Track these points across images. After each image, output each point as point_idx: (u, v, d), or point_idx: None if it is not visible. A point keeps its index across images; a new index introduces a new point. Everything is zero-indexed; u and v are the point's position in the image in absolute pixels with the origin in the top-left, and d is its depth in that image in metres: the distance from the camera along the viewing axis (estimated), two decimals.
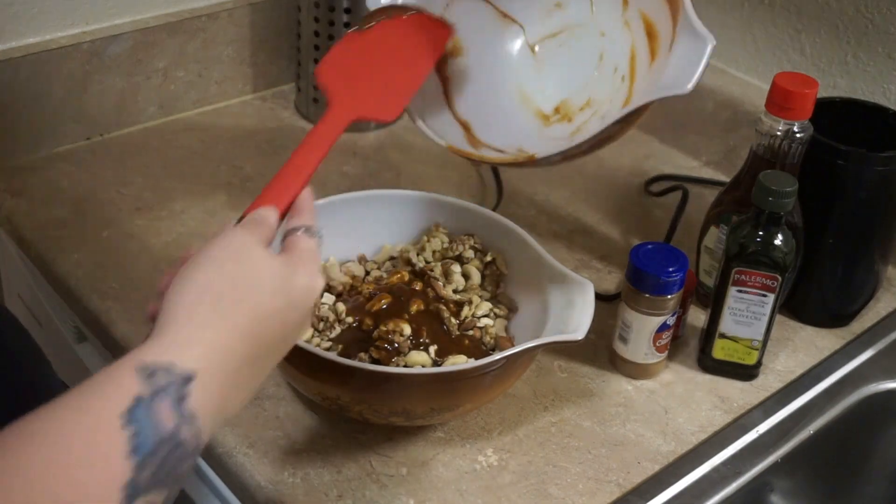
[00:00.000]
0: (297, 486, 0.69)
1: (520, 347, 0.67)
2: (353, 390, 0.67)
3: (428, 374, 0.68)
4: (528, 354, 0.69)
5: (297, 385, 0.72)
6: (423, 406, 0.68)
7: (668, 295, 0.76)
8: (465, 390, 0.68)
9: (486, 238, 0.82)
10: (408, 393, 0.67)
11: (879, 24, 0.94)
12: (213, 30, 1.11)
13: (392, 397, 0.67)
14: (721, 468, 0.74)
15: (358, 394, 0.67)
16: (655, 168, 1.10)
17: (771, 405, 0.80)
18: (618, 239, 0.98)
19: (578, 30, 0.85)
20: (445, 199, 0.83)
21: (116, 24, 1.04)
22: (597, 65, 0.83)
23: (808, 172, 0.79)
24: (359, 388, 0.67)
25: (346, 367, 0.65)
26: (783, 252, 0.75)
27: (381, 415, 0.69)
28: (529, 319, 0.76)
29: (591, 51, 0.83)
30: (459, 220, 0.83)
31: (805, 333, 0.88)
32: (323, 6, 1.07)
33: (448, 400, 0.68)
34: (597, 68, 0.83)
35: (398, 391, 0.67)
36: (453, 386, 0.67)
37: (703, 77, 0.69)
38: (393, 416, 0.69)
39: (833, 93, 0.99)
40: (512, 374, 0.71)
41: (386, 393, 0.67)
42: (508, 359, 0.67)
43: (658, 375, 0.81)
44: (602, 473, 0.72)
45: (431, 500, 0.69)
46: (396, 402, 0.68)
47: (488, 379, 0.68)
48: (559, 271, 0.75)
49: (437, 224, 0.83)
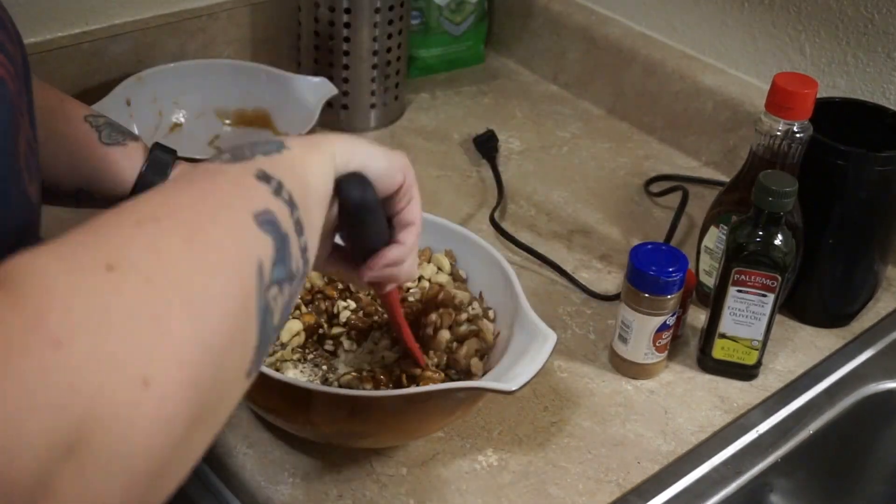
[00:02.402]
0: (297, 486, 0.69)
1: (431, 388, 0.64)
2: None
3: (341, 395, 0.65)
4: (448, 395, 0.65)
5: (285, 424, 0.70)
6: (329, 427, 0.67)
7: (667, 295, 0.76)
8: (374, 419, 0.66)
9: (468, 265, 0.79)
10: (318, 410, 0.66)
11: (879, 24, 0.94)
12: (213, 30, 1.11)
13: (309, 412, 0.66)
14: (721, 468, 0.74)
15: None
16: (655, 168, 1.10)
17: (771, 405, 0.80)
18: (618, 239, 0.98)
19: None
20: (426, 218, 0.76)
21: (116, 24, 1.04)
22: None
23: (808, 172, 0.79)
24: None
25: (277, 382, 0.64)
26: (783, 252, 0.75)
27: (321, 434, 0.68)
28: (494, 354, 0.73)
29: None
30: (440, 239, 0.80)
31: (805, 333, 0.88)
32: (323, 6, 1.07)
33: (356, 425, 0.66)
34: None
35: (317, 407, 0.66)
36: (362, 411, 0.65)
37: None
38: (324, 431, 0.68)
39: (833, 93, 0.99)
40: (435, 413, 0.67)
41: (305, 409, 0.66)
42: (413, 396, 0.63)
43: (658, 375, 0.81)
44: (602, 473, 0.72)
45: (431, 500, 0.69)
46: (308, 416, 0.66)
47: (401, 410, 0.66)
48: (530, 319, 0.70)
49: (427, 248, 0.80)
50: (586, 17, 1.21)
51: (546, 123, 1.18)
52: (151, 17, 1.06)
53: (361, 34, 1.08)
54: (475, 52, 1.29)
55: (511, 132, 1.15)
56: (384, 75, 1.11)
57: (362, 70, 1.10)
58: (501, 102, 1.22)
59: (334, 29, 1.07)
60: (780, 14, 1.02)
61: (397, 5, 1.08)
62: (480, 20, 1.28)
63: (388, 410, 0.65)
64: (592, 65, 1.21)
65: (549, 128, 1.17)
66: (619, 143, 1.15)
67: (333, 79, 1.08)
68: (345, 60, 1.09)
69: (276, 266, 0.41)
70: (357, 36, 1.08)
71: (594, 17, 1.20)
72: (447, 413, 0.68)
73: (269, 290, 0.40)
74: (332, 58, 1.09)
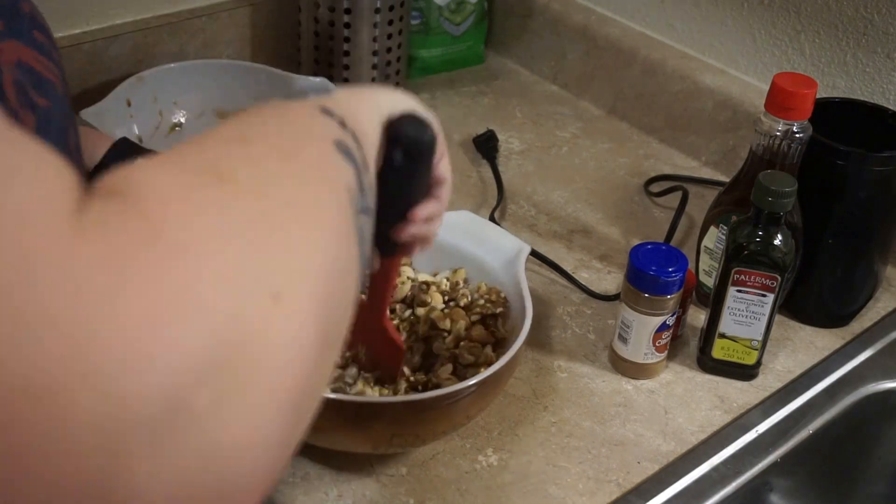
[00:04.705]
0: (297, 486, 0.69)
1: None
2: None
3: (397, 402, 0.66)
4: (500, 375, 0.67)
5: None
6: (385, 435, 0.67)
7: (667, 295, 0.76)
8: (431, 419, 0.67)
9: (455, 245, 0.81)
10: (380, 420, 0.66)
11: (879, 24, 0.94)
12: (213, 30, 1.11)
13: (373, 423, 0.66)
14: (721, 468, 0.74)
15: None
16: (655, 168, 1.10)
17: (770, 405, 0.80)
18: (618, 239, 0.98)
19: None
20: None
21: (116, 24, 1.04)
22: None
23: (808, 172, 0.79)
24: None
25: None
26: (782, 252, 0.75)
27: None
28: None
29: None
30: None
31: (804, 333, 0.88)
32: (323, 6, 1.07)
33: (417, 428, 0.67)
34: None
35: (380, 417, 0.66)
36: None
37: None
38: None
39: (833, 93, 0.99)
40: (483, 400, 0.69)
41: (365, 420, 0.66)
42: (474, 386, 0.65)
43: (658, 375, 0.81)
44: (602, 473, 0.72)
45: (431, 500, 0.69)
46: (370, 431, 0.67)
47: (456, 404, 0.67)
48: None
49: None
50: (586, 17, 1.21)
51: (546, 123, 1.18)
52: (151, 17, 1.06)
53: (361, 34, 1.08)
54: (475, 52, 1.29)
55: (511, 132, 1.15)
56: (384, 75, 1.11)
57: (362, 70, 1.10)
58: (501, 102, 1.22)
59: (334, 29, 1.07)
60: (779, 14, 1.02)
61: (397, 5, 1.08)
62: (480, 20, 1.28)
63: (452, 407, 0.66)
64: (592, 65, 1.21)
65: (549, 128, 1.17)
66: (619, 143, 1.15)
67: (333, 79, 1.08)
68: (345, 60, 1.09)
69: (359, 194, 0.40)
70: (357, 36, 1.08)
71: (594, 17, 1.20)
72: (488, 400, 0.70)
73: (360, 217, 0.39)
74: (332, 58, 1.09)
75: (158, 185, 0.29)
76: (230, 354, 0.27)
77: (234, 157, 0.33)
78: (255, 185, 0.32)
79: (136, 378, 0.24)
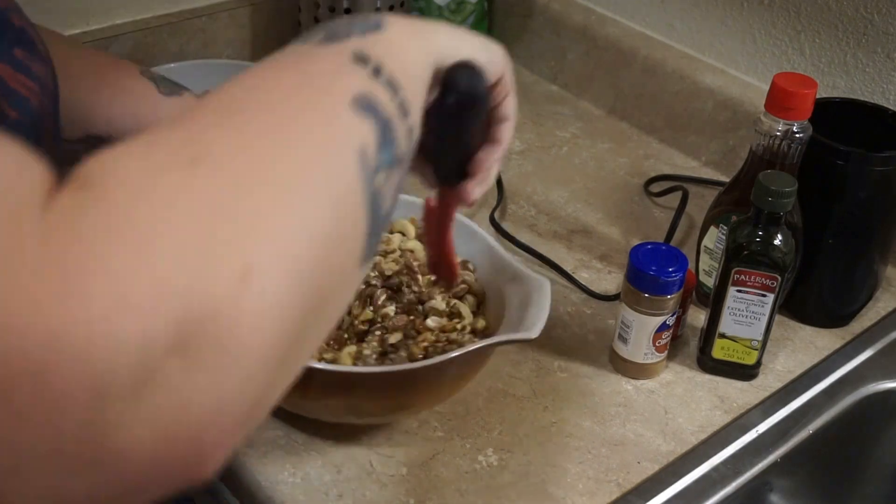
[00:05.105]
0: (296, 486, 0.69)
1: (461, 351, 0.66)
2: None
3: (381, 372, 0.67)
4: (480, 353, 0.68)
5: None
6: (375, 405, 0.69)
7: (667, 295, 0.76)
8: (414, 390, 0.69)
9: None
10: (359, 392, 0.68)
11: (879, 24, 0.94)
12: (213, 30, 1.11)
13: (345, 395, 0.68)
14: (721, 468, 0.74)
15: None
16: (655, 168, 1.10)
17: (770, 405, 0.80)
18: (618, 239, 0.98)
19: None
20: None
21: (117, 24, 1.04)
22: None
23: (808, 172, 0.79)
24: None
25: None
26: (782, 252, 0.75)
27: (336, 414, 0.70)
28: (490, 318, 0.76)
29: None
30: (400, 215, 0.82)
31: (804, 333, 0.88)
32: (323, 6, 1.07)
33: (401, 399, 0.69)
34: None
35: (353, 390, 0.68)
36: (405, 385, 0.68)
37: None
38: (348, 415, 0.70)
39: (833, 93, 0.99)
40: (462, 375, 0.71)
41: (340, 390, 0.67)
42: (452, 360, 0.66)
43: (658, 375, 0.81)
44: (602, 473, 0.72)
45: (431, 500, 0.69)
46: (349, 399, 0.68)
47: (446, 376, 0.69)
48: (514, 269, 0.74)
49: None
50: (586, 17, 1.21)
51: (546, 123, 1.18)
52: (151, 17, 1.06)
53: None
54: None
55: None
56: None
57: None
58: None
59: None
60: (779, 14, 1.02)
61: (397, 5, 1.08)
62: (480, 20, 1.28)
63: (431, 380, 0.68)
64: (592, 65, 1.21)
65: (549, 128, 1.17)
66: (618, 143, 1.15)
67: None
68: None
69: (380, 150, 0.40)
70: None
71: (594, 17, 1.20)
72: (473, 372, 0.72)
73: (377, 176, 0.39)
74: None
75: (123, 174, 0.31)
76: (196, 330, 0.29)
77: (215, 136, 0.34)
78: (230, 164, 0.33)
79: (107, 356, 0.27)
